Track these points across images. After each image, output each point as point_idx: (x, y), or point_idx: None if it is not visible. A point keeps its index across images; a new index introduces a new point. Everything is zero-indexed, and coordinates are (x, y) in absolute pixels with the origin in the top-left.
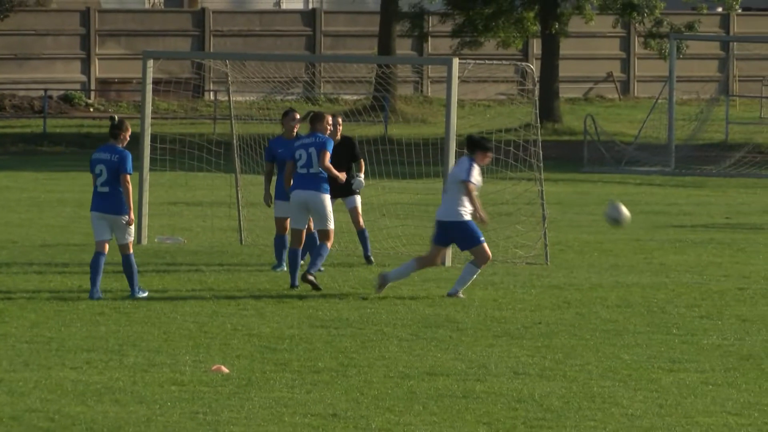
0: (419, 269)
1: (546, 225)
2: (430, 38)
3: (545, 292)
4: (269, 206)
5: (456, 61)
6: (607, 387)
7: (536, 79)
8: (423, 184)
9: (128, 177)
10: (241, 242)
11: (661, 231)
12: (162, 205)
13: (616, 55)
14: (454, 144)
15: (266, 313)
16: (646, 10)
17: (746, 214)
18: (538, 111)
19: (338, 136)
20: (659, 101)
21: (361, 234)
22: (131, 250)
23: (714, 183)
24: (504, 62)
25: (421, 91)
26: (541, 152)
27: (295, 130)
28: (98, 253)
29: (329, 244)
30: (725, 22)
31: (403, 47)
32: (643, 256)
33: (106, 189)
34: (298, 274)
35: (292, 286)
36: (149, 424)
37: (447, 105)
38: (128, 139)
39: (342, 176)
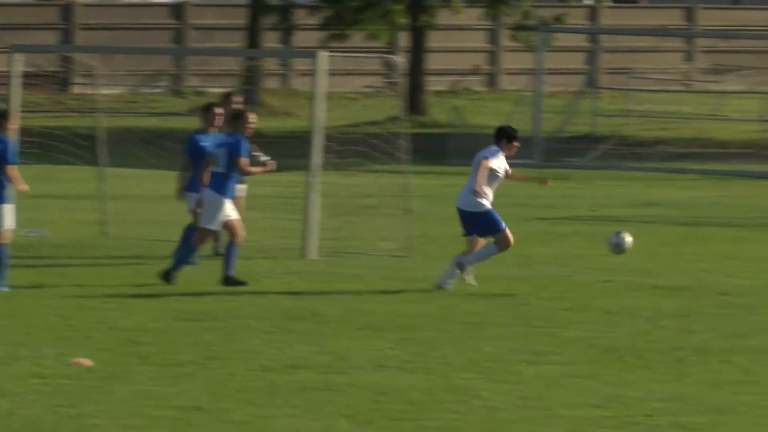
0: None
1: (412, 218)
2: (297, 31)
3: (408, 285)
4: (181, 200)
5: (323, 54)
6: (468, 379)
7: (403, 72)
8: (287, 177)
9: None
10: (105, 235)
11: (527, 223)
12: (28, 199)
13: (484, 48)
14: (321, 136)
15: (129, 306)
16: (514, 3)
17: (611, 206)
18: (404, 104)
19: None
20: (526, 94)
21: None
22: (7, 240)
23: (580, 175)
24: (371, 55)
25: (288, 84)
26: (407, 145)
27: (216, 122)
28: None
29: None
30: (593, 14)
31: (271, 40)
32: (509, 249)
33: None
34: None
35: (227, 278)
36: (11, 417)
37: (313, 98)
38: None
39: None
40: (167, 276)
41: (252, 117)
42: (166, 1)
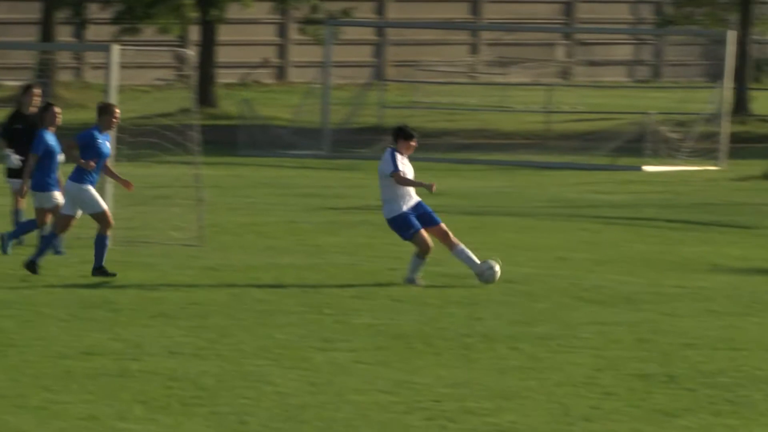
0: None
1: (202, 208)
2: (90, 25)
3: (200, 273)
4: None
5: (115, 48)
6: (260, 366)
7: (194, 64)
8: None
9: None
10: None
11: (316, 213)
12: None
13: (273, 41)
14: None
15: None
16: None
17: None
18: (195, 96)
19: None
20: (314, 86)
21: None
22: None
23: (367, 166)
24: (163, 48)
25: (82, 77)
26: (198, 136)
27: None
28: None
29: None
30: (380, 8)
31: (65, 34)
32: (297, 238)
33: None
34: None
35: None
36: None
37: (106, 90)
38: None
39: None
40: (31, 264)
41: (114, 111)
42: None
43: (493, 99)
